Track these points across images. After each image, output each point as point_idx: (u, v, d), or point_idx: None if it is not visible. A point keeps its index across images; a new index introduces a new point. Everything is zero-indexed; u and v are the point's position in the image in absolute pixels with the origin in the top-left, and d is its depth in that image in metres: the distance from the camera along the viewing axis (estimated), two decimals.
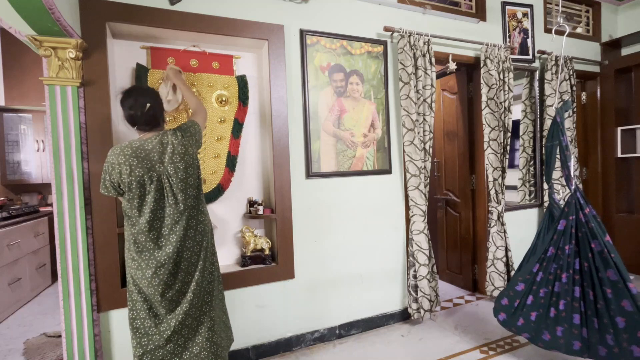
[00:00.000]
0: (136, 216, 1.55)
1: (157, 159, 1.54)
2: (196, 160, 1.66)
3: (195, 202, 1.63)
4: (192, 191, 1.61)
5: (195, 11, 2.06)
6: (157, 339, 1.55)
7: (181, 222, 1.57)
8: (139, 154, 1.52)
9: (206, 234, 1.67)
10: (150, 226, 1.54)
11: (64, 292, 1.79)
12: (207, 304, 1.66)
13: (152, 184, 1.53)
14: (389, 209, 2.66)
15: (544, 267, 1.97)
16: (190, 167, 1.61)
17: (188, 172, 1.59)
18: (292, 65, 2.34)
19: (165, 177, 1.55)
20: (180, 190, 1.56)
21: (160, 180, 1.55)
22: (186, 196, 1.58)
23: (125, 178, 1.50)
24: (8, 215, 3.22)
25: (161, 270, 1.54)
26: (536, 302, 1.97)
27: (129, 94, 1.59)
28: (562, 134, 2.06)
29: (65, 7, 1.61)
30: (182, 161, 1.58)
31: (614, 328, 1.73)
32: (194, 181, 1.62)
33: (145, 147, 1.55)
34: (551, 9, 3.43)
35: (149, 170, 1.52)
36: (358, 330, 2.56)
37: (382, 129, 2.62)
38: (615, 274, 1.75)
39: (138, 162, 1.51)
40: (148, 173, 1.52)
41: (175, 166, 1.56)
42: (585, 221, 1.88)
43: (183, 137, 1.62)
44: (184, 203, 1.58)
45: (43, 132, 3.96)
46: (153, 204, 1.53)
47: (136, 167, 1.50)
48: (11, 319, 3.02)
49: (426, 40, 2.60)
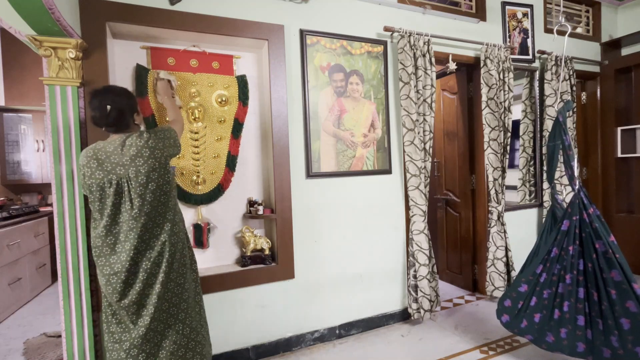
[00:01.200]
0: (97, 219, 1.52)
1: (117, 161, 1.48)
2: (164, 165, 1.57)
3: (159, 209, 1.55)
4: (152, 197, 1.52)
5: (195, 11, 2.06)
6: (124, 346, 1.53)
7: (135, 229, 1.49)
8: (99, 156, 1.48)
9: (175, 244, 1.59)
10: (107, 231, 1.50)
11: (64, 292, 1.79)
12: (174, 317, 1.59)
13: (111, 187, 1.48)
14: (389, 209, 2.66)
15: (547, 268, 1.95)
16: (154, 171, 1.52)
17: (150, 176, 1.51)
18: (292, 65, 2.33)
19: (124, 180, 1.49)
20: (137, 195, 1.49)
21: (119, 184, 1.49)
22: (143, 202, 1.50)
23: (86, 180, 1.48)
24: (8, 215, 3.22)
25: (114, 278, 1.49)
26: (540, 303, 1.95)
27: (94, 94, 1.54)
28: (565, 134, 2.04)
29: (65, 7, 1.61)
30: (145, 164, 1.50)
31: (619, 329, 1.71)
32: (157, 187, 1.53)
33: (107, 149, 1.50)
34: (551, 9, 3.43)
35: (108, 173, 1.48)
36: (358, 330, 2.56)
37: (382, 129, 2.62)
38: (619, 274, 1.72)
39: (98, 165, 1.47)
40: (107, 176, 1.47)
41: (137, 169, 1.49)
42: (589, 221, 1.86)
43: (150, 139, 1.53)
44: (140, 209, 1.49)
45: (43, 132, 3.96)
46: (111, 208, 1.48)
47: (96, 170, 1.47)
48: (11, 319, 3.01)
49: (426, 40, 2.60)
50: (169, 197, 1.59)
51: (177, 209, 1.67)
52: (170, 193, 1.61)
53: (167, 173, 1.59)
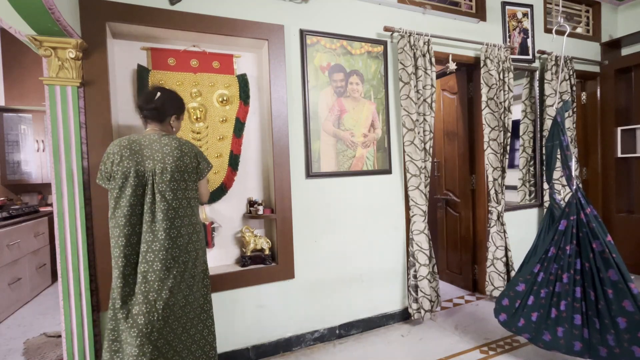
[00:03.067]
0: (112, 207, 1.53)
1: (149, 154, 1.54)
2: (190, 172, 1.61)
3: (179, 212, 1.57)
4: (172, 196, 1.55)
5: (195, 11, 2.06)
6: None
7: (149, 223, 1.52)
8: (133, 147, 1.53)
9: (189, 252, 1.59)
10: (127, 220, 1.51)
11: (64, 292, 1.79)
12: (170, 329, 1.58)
13: (136, 177, 1.51)
14: (389, 209, 2.66)
15: (544, 268, 1.97)
16: (179, 173, 1.57)
17: (174, 177, 1.56)
18: (292, 65, 2.33)
19: (150, 174, 1.53)
20: (159, 191, 1.53)
21: (145, 176, 1.52)
22: (163, 198, 1.53)
23: (113, 167, 1.51)
24: (8, 215, 3.22)
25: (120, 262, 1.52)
26: (537, 302, 1.97)
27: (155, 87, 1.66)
28: (563, 134, 2.05)
29: (65, 7, 1.61)
30: (173, 164, 1.55)
31: (615, 328, 1.72)
32: (178, 189, 1.57)
33: (142, 141, 1.56)
34: (551, 9, 3.43)
35: (137, 164, 1.51)
36: (358, 330, 2.56)
37: (382, 129, 2.62)
38: (616, 274, 1.74)
39: (130, 154, 1.51)
40: (136, 166, 1.51)
41: (164, 167, 1.53)
42: (586, 221, 1.88)
43: (184, 145, 1.61)
44: (159, 205, 1.52)
45: (43, 132, 3.96)
46: (132, 198, 1.51)
47: (126, 158, 1.51)
48: (11, 319, 3.01)
49: (426, 40, 2.60)
50: (189, 204, 1.61)
51: (197, 220, 1.66)
52: (190, 201, 1.62)
53: (191, 181, 1.62)
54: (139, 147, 1.54)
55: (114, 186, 1.52)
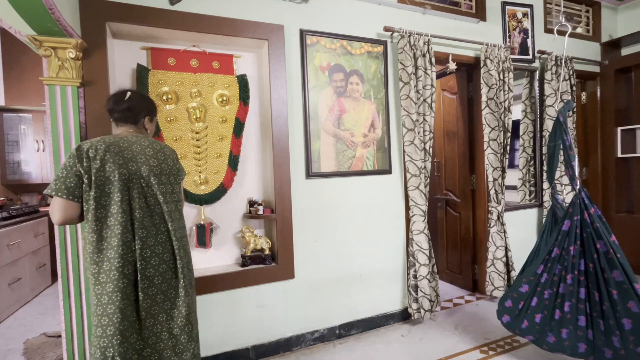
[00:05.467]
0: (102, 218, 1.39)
1: (130, 157, 1.42)
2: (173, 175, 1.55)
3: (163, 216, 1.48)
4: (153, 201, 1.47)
5: (195, 11, 2.06)
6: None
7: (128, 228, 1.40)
8: (111, 149, 1.39)
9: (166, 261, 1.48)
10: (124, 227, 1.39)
11: (64, 292, 1.79)
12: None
13: (120, 181, 1.38)
14: (389, 209, 2.66)
15: (548, 269, 1.94)
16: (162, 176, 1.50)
17: (161, 180, 1.48)
18: (292, 65, 2.33)
19: (135, 177, 1.42)
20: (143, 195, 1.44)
21: (129, 179, 1.41)
22: (146, 202, 1.44)
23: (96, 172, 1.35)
24: (8, 215, 3.22)
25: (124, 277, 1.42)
26: (540, 304, 1.94)
27: (121, 89, 1.57)
28: (566, 134, 2.03)
29: (65, 7, 1.61)
30: (158, 167, 1.48)
31: (620, 330, 1.70)
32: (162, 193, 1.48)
33: (121, 144, 1.42)
34: (551, 9, 3.43)
35: (119, 166, 1.38)
36: (358, 330, 2.56)
37: (382, 129, 2.62)
38: (621, 274, 1.71)
39: (110, 157, 1.37)
40: (119, 169, 1.38)
41: (150, 169, 1.45)
42: (590, 221, 1.85)
43: (165, 148, 1.55)
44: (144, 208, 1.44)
45: (43, 132, 3.96)
46: (120, 203, 1.38)
47: (107, 162, 1.37)
48: (11, 319, 3.01)
49: (426, 40, 2.60)
50: (176, 207, 1.55)
51: (182, 224, 1.56)
52: (178, 204, 1.56)
53: (177, 183, 1.57)
54: (118, 149, 1.40)
55: (98, 193, 1.35)
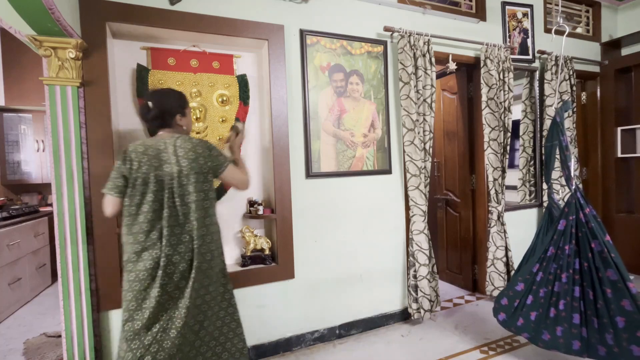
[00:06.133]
0: (134, 214, 1.50)
1: (165, 158, 1.52)
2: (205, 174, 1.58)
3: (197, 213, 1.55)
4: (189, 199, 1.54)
5: (195, 11, 2.06)
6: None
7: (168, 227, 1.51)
8: (149, 152, 1.51)
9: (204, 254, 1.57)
10: (150, 225, 1.49)
11: (64, 292, 1.79)
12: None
13: (156, 182, 1.49)
14: (389, 209, 2.66)
15: (543, 267, 1.97)
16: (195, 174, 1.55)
17: (190, 179, 1.53)
18: (292, 65, 2.33)
19: (169, 178, 1.51)
20: (178, 195, 1.52)
21: (163, 181, 1.51)
22: (182, 202, 1.52)
23: (132, 173, 1.48)
24: (8, 215, 3.22)
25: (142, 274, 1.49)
26: (536, 302, 1.97)
27: (148, 93, 1.65)
28: (562, 134, 2.05)
29: (65, 7, 1.61)
30: (189, 167, 1.53)
31: (614, 327, 1.73)
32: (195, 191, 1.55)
33: (158, 146, 1.53)
34: (551, 9, 3.43)
35: (155, 169, 1.50)
36: (358, 330, 2.56)
37: (382, 129, 2.62)
38: (615, 273, 1.75)
39: (147, 160, 1.49)
40: (155, 172, 1.49)
41: (180, 169, 1.51)
42: (585, 221, 1.88)
43: (198, 146, 1.57)
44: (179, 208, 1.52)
45: (43, 132, 3.96)
46: (153, 203, 1.49)
47: (144, 164, 1.48)
48: (11, 319, 3.01)
49: (426, 40, 2.60)
50: (211, 204, 1.61)
51: (214, 220, 1.63)
52: (212, 201, 1.61)
53: (207, 182, 1.60)
54: (154, 152, 1.51)
55: (134, 193, 1.48)
